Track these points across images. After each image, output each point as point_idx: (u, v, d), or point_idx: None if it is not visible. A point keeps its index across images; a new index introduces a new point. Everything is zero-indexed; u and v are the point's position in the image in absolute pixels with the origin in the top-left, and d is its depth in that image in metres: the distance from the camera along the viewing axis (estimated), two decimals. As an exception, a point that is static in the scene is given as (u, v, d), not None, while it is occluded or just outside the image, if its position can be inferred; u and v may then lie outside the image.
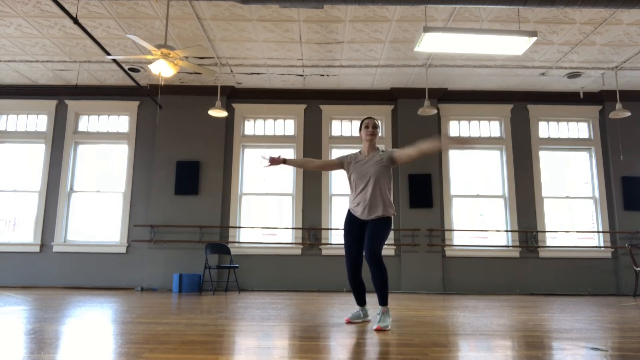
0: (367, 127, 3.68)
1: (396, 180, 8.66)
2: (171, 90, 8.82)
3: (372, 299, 5.63)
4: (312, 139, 8.88)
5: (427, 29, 5.39)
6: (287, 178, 8.90)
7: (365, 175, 3.56)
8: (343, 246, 3.66)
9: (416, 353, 2.29)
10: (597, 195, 8.72)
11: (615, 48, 7.21)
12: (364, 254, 3.52)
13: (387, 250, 8.38)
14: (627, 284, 8.25)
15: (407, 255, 8.35)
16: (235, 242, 8.48)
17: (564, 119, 9.04)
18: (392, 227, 8.39)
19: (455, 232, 8.62)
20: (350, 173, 3.67)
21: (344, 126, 9.07)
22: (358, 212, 3.56)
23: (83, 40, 7.16)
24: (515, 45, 5.74)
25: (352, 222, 3.61)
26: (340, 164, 3.72)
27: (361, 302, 3.66)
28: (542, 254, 8.45)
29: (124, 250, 8.47)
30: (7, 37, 7.05)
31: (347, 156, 3.75)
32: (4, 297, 5.84)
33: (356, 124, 8.93)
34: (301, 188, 8.69)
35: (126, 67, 8.06)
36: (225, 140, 8.82)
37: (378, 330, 3.14)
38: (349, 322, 3.56)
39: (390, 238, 8.48)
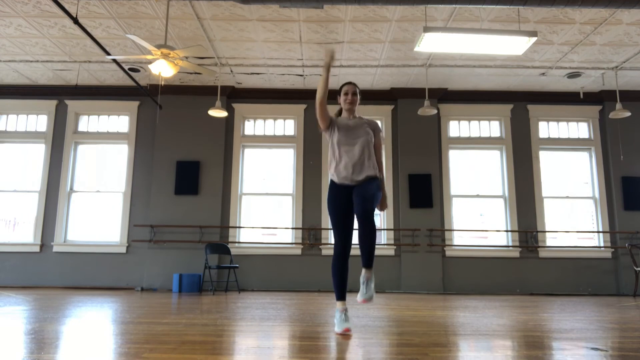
0: (346, 93, 3.32)
1: (396, 180, 8.65)
2: (171, 90, 8.82)
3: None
4: (312, 139, 8.88)
5: (427, 29, 5.39)
6: (287, 178, 8.90)
7: (353, 138, 3.24)
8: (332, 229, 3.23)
9: (416, 353, 2.29)
10: (597, 195, 8.72)
11: (615, 48, 7.21)
12: (355, 219, 3.17)
13: (387, 250, 8.38)
14: (627, 284, 8.24)
15: (407, 255, 8.35)
16: (235, 242, 8.48)
17: (564, 119, 9.04)
18: (393, 227, 8.46)
19: (455, 232, 8.62)
20: (334, 134, 3.29)
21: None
22: (345, 174, 3.19)
23: (83, 40, 7.16)
24: (515, 45, 5.74)
25: (338, 196, 3.21)
26: (329, 119, 3.32)
27: (344, 294, 3.20)
28: (542, 254, 8.45)
29: (124, 250, 8.47)
30: (7, 37, 7.05)
31: (334, 116, 3.42)
32: (4, 297, 5.84)
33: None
34: (301, 188, 8.68)
35: (126, 67, 8.06)
36: (225, 140, 8.82)
37: (364, 302, 2.96)
38: (347, 331, 3.02)
39: (390, 238, 8.48)
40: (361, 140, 3.25)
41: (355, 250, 4.14)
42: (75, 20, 5.32)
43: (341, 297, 3.19)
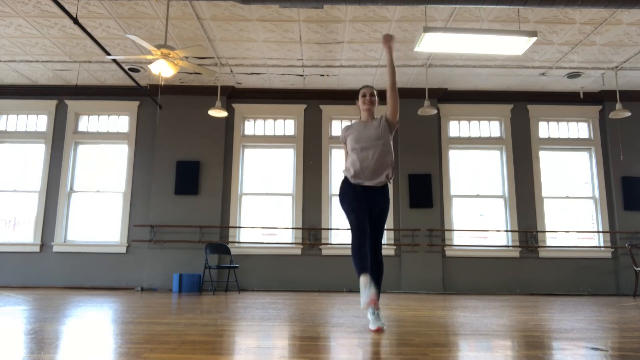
0: (364, 95, 3.56)
1: (396, 180, 8.65)
2: (171, 90, 8.82)
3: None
4: (312, 139, 8.88)
5: (427, 29, 5.39)
6: (287, 178, 8.90)
7: (368, 139, 3.39)
8: (349, 225, 3.31)
9: (416, 353, 2.28)
10: (597, 195, 8.72)
11: (615, 48, 7.21)
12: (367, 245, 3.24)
13: (387, 250, 8.37)
14: (627, 284, 8.24)
15: (407, 255, 8.35)
16: (235, 242, 8.48)
17: (564, 119, 9.04)
18: (393, 227, 8.45)
19: (455, 232, 8.62)
20: (348, 140, 3.50)
21: (344, 126, 9.05)
22: (360, 177, 3.33)
23: (83, 40, 7.16)
24: (515, 45, 5.74)
25: (353, 190, 3.35)
26: (344, 143, 3.57)
27: (367, 267, 3.13)
28: (542, 254, 8.45)
29: (124, 250, 8.47)
30: (7, 37, 7.05)
31: (344, 129, 3.65)
32: (4, 297, 5.84)
33: (356, 124, 8.93)
34: (301, 188, 8.68)
35: (126, 67, 8.06)
36: (225, 140, 8.82)
37: (379, 330, 3.05)
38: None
39: (390, 238, 8.48)
40: (377, 141, 3.37)
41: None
42: (75, 21, 5.32)
43: (364, 271, 3.10)
